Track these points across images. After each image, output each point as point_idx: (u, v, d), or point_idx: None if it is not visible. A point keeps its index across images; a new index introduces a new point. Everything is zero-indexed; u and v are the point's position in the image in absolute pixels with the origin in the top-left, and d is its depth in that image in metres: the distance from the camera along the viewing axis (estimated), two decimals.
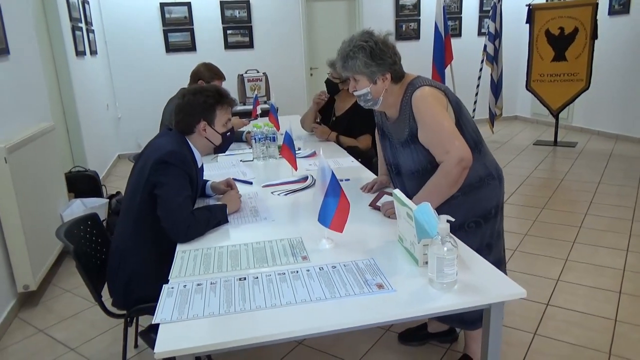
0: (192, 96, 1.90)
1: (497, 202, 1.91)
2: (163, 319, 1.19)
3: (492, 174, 1.88)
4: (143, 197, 1.79)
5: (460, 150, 1.66)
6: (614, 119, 6.33)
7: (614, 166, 5.09)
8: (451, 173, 1.68)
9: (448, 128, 1.70)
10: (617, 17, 6.08)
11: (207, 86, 2.00)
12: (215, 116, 1.92)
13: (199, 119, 1.90)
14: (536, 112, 7.57)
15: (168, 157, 1.76)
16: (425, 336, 2.28)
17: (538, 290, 2.69)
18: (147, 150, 1.89)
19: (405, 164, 1.89)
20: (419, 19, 7.37)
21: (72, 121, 4.69)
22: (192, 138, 1.93)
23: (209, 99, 1.90)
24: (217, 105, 1.92)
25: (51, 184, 3.31)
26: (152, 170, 1.76)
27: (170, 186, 1.74)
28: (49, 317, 2.70)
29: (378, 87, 1.79)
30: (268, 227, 1.80)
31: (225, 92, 1.99)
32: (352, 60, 1.76)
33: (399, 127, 1.87)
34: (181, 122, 1.92)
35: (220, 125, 1.95)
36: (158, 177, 1.75)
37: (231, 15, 6.66)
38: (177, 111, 1.93)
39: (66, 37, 4.60)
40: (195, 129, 1.91)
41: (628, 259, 3.02)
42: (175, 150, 1.80)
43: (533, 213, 3.87)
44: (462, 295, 1.25)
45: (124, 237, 1.85)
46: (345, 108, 3.25)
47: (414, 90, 1.77)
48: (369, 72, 1.77)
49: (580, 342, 2.24)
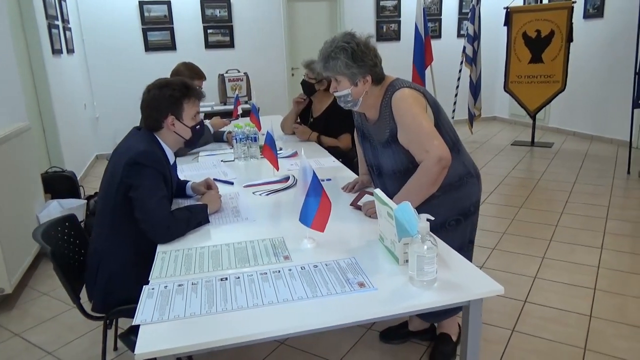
0: (158, 90, 1.85)
1: (476, 198, 1.97)
2: (143, 320, 1.18)
3: (470, 172, 1.93)
4: (117, 200, 1.76)
5: (439, 150, 1.69)
6: (588, 120, 6.49)
7: (589, 166, 5.22)
8: (431, 172, 1.70)
9: (427, 128, 1.73)
10: (591, 21, 6.23)
11: (172, 79, 1.94)
12: (183, 110, 1.87)
13: (166, 113, 1.85)
14: (514, 113, 7.70)
15: (140, 157, 1.73)
16: (406, 334, 2.30)
17: (516, 288, 2.74)
18: (118, 151, 1.85)
19: (387, 164, 1.91)
20: (400, 20, 7.43)
21: (48, 121, 4.60)
22: (161, 134, 1.89)
23: (175, 92, 1.85)
24: (184, 99, 1.87)
25: (27, 185, 3.24)
26: (124, 172, 1.73)
27: (145, 187, 1.71)
28: (26, 321, 2.64)
29: (359, 88, 1.81)
30: (250, 227, 1.79)
31: (192, 84, 1.94)
32: (334, 61, 1.77)
33: (379, 129, 1.89)
34: (148, 118, 1.87)
35: (189, 119, 1.90)
36: (132, 180, 1.72)
37: (212, 14, 6.61)
38: (143, 107, 1.88)
39: (42, 35, 4.51)
40: (163, 124, 1.86)
41: (602, 256, 3.10)
42: (147, 149, 1.77)
43: (511, 212, 3.94)
44: (442, 292, 1.27)
45: (101, 240, 1.82)
46: (323, 109, 3.26)
47: (394, 91, 1.80)
48: (350, 73, 1.78)
49: (557, 338, 2.29)
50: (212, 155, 3.01)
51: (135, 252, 1.76)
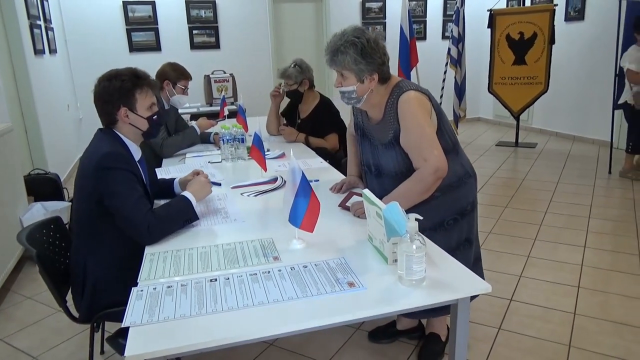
0: (107, 82, 1.77)
1: (473, 198, 1.98)
2: (133, 322, 1.17)
3: (468, 173, 1.95)
4: (91, 207, 1.71)
5: (437, 160, 1.71)
6: (570, 120, 6.60)
7: (571, 166, 5.31)
8: (425, 181, 1.72)
9: (429, 136, 1.74)
10: (572, 23, 6.34)
11: (122, 70, 1.82)
12: (136, 100, 1.79)
13: (118, 105, 1.77)
14: (498, 114, 7.79)
15: (105, 161, 1.67)
16: (394, 333, 2.32)
17: (502, 287, 2.77)
18: (84, 157, 1.78)
19: (388, 165, 1.91)
20: (385, 22, 7.47)
21: (31, 122, 4.53)
22: (118, 128, 1.81)
23: (125, 83, 1.76)
24: (136, 89, 1.78)
25: (9, 187, 3.19)
26: (93, 179, 1.67)
27: (118, 194, 1.66)
28: (9, 325, 2.60)
29: (364, 86, 1.79)
30: (238, 228, 1.79)
31: (144, 73, 1.85)
32: (342, 56, 1.74)
33: (382, 129, 1.88)
34: (102, 111, 1.80)
35: (144, 109, 1.81)
36: (103, 187, 1.66)
37: (197, 15, 6.58)
38: (95, 101, 1.80)
39: (24, 36, 4.44)
40: (117, 117, 1.78)
41: (585, 254, 3.15)
42: (110, 151, 1.70)
43: (496, 212, 3.99)
44: (431, 291, 1.29)
45: (82, 250, 1.78)
46: (309, 110, 3.29)
47: (401, 93, 1.79)
48: (357, 69, 1.75)
49: (542, 335, 2.32)
50: (199, 156, 2.99)
51: (118, 256, 1.73)
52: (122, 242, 1.69)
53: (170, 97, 3.18)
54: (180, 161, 2.91)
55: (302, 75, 3.18)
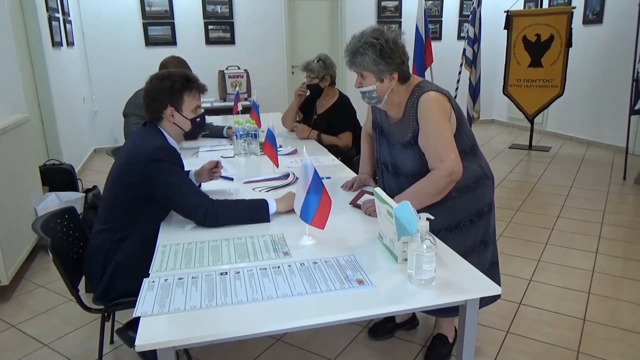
0: (159, 81, 1.85)
1: (490, 199, 1.97)
2: (144, 312, 1.18)
3: (486, 174, 1.94)
4: (131, 194, 1.77)
5: (453, 163, 1.71)
6: (585, 125, 6.52)
7: (585, 171, 5.25)
8: (439, 183, 1.72)
9: (448, 138, 1.74)
10: (590, 27, 6.26)
11: (174, 71, 1.93)
12: (183, 102, 1.87)
13: (165, 104, 1.84)
14: (512, 116, 7.73)
15: (158, 154, 1.75)
16: (393, 328, 2.34)
17: (511, 290, 2.76)
18: (128, 148, 1.85)
19: (406, 165, 1.91)
20: (400, 21, 7.44)
21: (47, 113, 4.59)
22: (162, 125, 1.89)
23: (175, 84, 1.84)
24: (185, 91, 1.86)
25: (25, 177, 3.24)
26: (142, 169, 1.73)
27: (173, 182, 1.75)
28: (22, 313, 2.64)
29: (384, 85, 1.80)
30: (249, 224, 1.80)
31: (194, 77, 1.92)
32: (361, 57, 1.75)
33: (401, 128, 1.88)
34: (149, 108, 1.87)
35: (189, 111, 1.89)
36: (154, 177, 1.73)
37: (212, 10, 6.61)
38: (144, 97, 1.88)
39: (42, 27, 4.50)
40: (163, 115, 1.86)
41: (597, 260, 3.12)
42: (164, 144, 1.80)
43: (508, 215, 3.96)
44: (440, 291, 1.28)
45: (108, 233, 1.82)
46: (327, 106, 3.29)
47: (421, 93, 1.79)
48: (377, 70, 1.76)
49: (551, 340, 2.31)
50: (212, 151, 3.01)
51: (144, 246, 1.75)
52: (151, 233, 1.74)
53: None
54: (193, 155, 2.93)
55: (325, 70, 3.18)
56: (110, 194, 1.85)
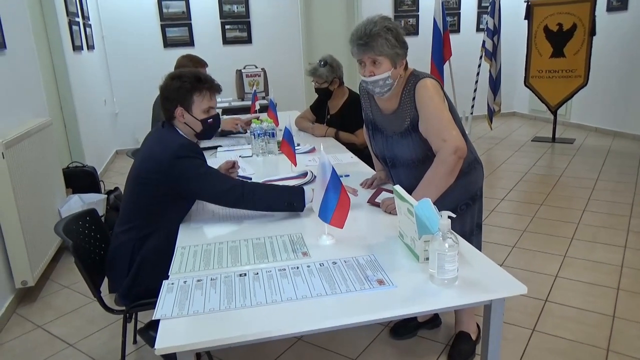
0: (170, 81, 1.87)
1: (481, 183, 2.04)
2: (163, 315, 1.18)
3: (476, 159, 2.01)
4: (156, 192, 1.79)
5: (456, 140, 1.73)
6: (611, 115, 6.34)
7: (612, 163, 5.10)
8: (447, 161, 1.73)
9: (447, 118, 1.78)
10: (615, 14, 6.08)
11: (185, 71, 1.92)
12: (193, 102, 1.86)
13: (175, 104, 1.85)
14: (534, 108, 7.57)
15: (184, 150, 1.78)
16: (415, 327, 2.32)
17: (536, 287, 2.69)
18: (150, 147, 1.87)
19: (404, 155, 1.93)
20: (418, 15, 7.35)
21: (69, 116, 4.67)
22: (176, 124, 1.90)
23: (185, 84, 1.84)
24: (194, 92, 1.85)
25: (49, 180, 3.29)
26: (168, 167, 1.74)
27: (202, 174, 1.77)
28: (48, 313, 2.69)
29: (397, 71, 1.81)
30: (268, 223, 1.79)
31: (205, 77, 1.90)
32: (380, 40, 1.73)
33: (397, 118, 1.90)
34: (163, 107, 1.89)
35: (199, 112, 1.87)
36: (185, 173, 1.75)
37: (229, 10, 6.62)
38: (160, 95, 1.90)
39: (63, 32, 4.57)
40: (174, 114, 1.87)
41: (626, 255, 3.03)
42: (187, 142, 1.83)
43: (531, 209, 3.88)
44: (463, 291, 1.25)
45: (133, 231, 1.83)
46: (339, 106, 3.28)
47: (417, 80, 1.83)
48: (393, 53, 1.77)
49: (578, 338, 2.25)
50: (230, 151, 3.01)
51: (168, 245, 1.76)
52: (176, 228, 1.78)
53: None
54: (212, 155, 2.93)
55: (333, 74, 3.16)
56: (132, 194, 1.86)
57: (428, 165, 1.79)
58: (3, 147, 2.56)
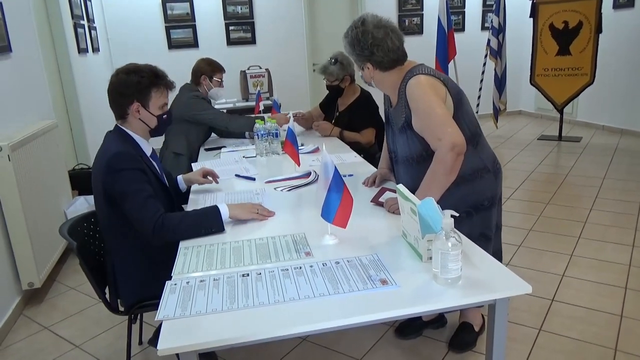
0: (125, 75, 1.78)
1: (491, 194, 1.92)
2: (166, 316, 1.18)
3: (487, 168, 1.89)
4: (105, 207, 1.75)
5: (452, 137, 1.65)
6: (618, 113, 6.29)
7: (619, 161, 5.06)
8: (444, 160, 1.67)
9: (440, 115, 1.70)
10: (622, 11, 6.02)
11: (142, 66, 1.84)
12: (150, 98, 1.81)
13: (131, 99, 1.78)
14: (540, 106, 7.52)
15: (113, 162, 1.68)
16: (420, 326, 2.30)
17: (543, 286, 2.67)
18: (95, 160, 1.82)
19: (402, 150, 1.92)
20: (422, 14, 7.32)
21: (75, 118, 4.69)
22: (127, 123, 1.83)
23: (143, 79, 1.77)
24: (153, 87, 1.80)
25: (55, 182, 3.31)
26: (102, 181, 1.70)
27: (127, 193, 1.67)
28: (54, 315, 2.70)
29: (365, 73, 1.88)
30: (271, 223, 1.79)
31: (162, 73, 1.86)
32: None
33: (398, 113, 1.90)
34: (114, 102, 1.81)
35: (156, 108, 1.83)
36: (113, 188, 1.69)
37: (233, 11, 6.64)
38: (109, 90, 1.81)
39: (68, 35, 4.59)
40: (128, 111, 1.79)
41: (634, 254, 3.00)
42: (118, 151, 1.71)
43: (537, 208, 3.85)
44: (467, 290, 1.24)
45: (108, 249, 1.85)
46: (348, 103, 3.27)
47: (411, 77, 1.79)
48: (354, 58, 1.90)
49: (585, 337, 2.22)
50: (234, 151, 3.02)
51: (143, 254, 1.77)
52: (143, 239, 1.70)
53: (209, 91, 3.27)
54: (215, 156, 2.94)
55: (344, 71, 3.14)
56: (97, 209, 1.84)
57: (424, 166, 1.76)
58: (9, 150, 2.58)
